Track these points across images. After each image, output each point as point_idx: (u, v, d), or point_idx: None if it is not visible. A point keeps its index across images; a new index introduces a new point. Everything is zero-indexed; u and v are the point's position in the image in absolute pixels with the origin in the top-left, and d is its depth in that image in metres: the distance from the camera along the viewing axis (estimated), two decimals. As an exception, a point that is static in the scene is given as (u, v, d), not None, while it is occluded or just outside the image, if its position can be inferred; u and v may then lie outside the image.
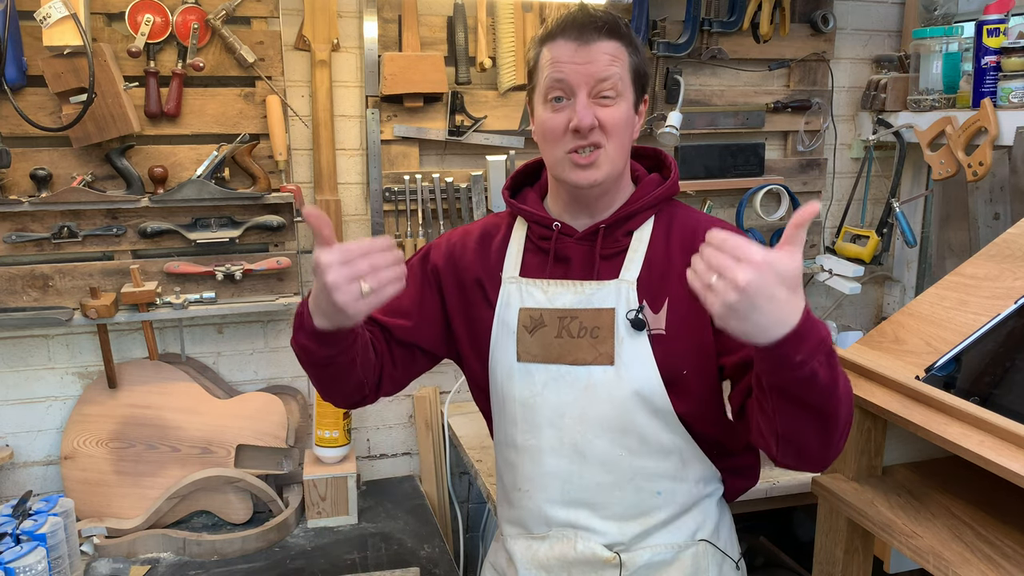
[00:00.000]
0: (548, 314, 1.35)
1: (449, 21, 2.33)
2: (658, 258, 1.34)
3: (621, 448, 1.33)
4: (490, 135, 2.40)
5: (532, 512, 1.41)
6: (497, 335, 1.39)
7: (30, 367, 2.22)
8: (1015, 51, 2.23)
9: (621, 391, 1.31)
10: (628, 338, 1.31)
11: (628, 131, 1.32)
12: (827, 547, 1.67)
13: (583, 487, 1.36)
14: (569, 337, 1.34)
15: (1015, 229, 1.67)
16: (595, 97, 1.28)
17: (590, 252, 1.36)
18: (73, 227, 2.10)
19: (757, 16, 2.52)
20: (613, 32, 1.28)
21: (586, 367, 1.33)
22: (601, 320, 1.33)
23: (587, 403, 1.33)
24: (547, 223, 1.39)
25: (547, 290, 1.37)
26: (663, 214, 1.39)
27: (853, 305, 2.94)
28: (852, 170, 2.82)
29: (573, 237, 1.38)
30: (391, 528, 2.18)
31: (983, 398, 1.36)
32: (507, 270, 1.41)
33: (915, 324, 1.61)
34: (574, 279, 1.36)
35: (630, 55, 1.31)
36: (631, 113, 1.32)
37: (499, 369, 1.40)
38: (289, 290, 2.26)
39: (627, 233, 1.37)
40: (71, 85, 2.00)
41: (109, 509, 2.14)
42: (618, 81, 1.28)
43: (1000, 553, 1.34)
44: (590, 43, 1.27)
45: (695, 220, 1.39)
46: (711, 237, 1.02)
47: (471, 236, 1.47)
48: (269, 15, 2.19)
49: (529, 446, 1.38)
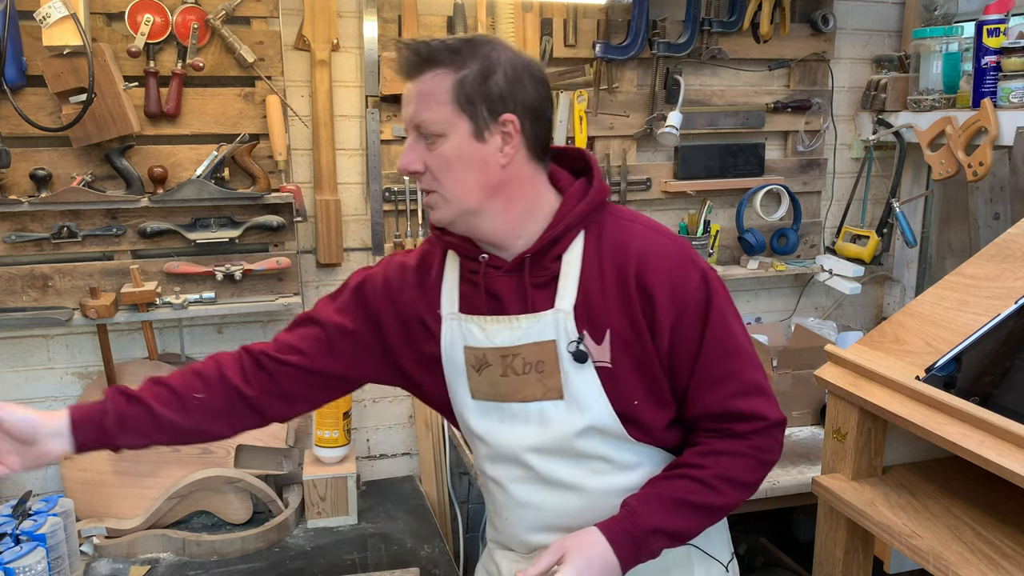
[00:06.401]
0: (491, 353, 1.30)
1: (449, 21, 2.33)
2: (592, 283, 1.27)
3: (586, 471, 1.32)
4: (490, 135, 2.40)
5: (513, 537, 1.43)
6: (448, 373, 1.37)
7: (30, 367, 2.22)
8: (1015, 51, 2.23)
9: (574, 425, 1.29)
10: (573, 371, 1.27)
11: (468, 166, 1.21)
12: (827, 547, 1.67)
13: (557, 514, 1.35)
14: (515, 375, 1.30)
15: (1015, 229, 1.67)
16: (424, 137, 1.22)
17: (521, 283, 1.29)
18: (73, 227, 2.10)
19: (757, 16, 2.52)
20: (429, 61, 1.19)
21: (537, 403, 1.30)
22: (544, 353, 1.28)
23: (544, 437, 1.31)
24: (474, 255, 1.31)
25: (485, 327, 1.30)
26: (592, 227, 1.29)
27: (853, 305, 2.94)
28: (852, 170, 2.82)
29: (502, 269, 1.30)
30: (391, 528, 2.18)
31: (983, 398, 1.36)
32: (445, 306, 1.35)
33: (915, 324, 1.61)
34: (510, 313, 1.29)
35: (456, 80, 1.18)
36: (469, 145, 1.20)
37: (457, 404, 1.39)
38: (289, 290, 2.26)
39: (556, 258, 1.28)
40: (71, 85, 2.00)
41: (109, 509, 2.14)
42: (434, 120, 1.19)
43: (1000, 553, 1.34)
44: (413, 79, 1.21)
45: (626, 235, 1.29)
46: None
47: (408, 269, 1.40)
48: (269, 15, 2.19)
49: (498, 477, 1.39)
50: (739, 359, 1.28)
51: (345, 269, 2.38)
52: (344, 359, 1.41)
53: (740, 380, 1.28)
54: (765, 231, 2.70)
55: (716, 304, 1.26)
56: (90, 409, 1.34)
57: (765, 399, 1.29)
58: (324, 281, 2.40)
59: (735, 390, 1.27)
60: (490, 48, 1.21)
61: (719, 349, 1.26)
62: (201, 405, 1.37)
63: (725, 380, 1.27)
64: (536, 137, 1.25)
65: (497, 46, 1.22)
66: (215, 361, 1.41)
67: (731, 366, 1.27)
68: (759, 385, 1.29)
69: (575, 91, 2.44)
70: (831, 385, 1.61)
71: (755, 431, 1.28)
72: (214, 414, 1.38)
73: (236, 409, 1.39)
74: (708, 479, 1.25)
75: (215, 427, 1.41)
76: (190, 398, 1.37)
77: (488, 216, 1.26)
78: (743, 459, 1.27)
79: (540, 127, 1.25)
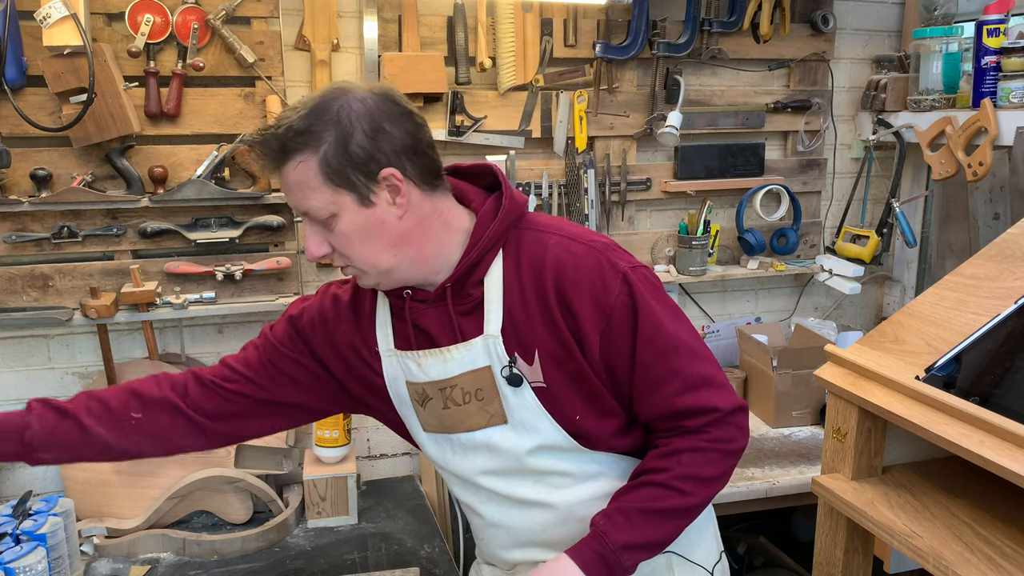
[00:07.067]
0: (430, 387, 1.30)
1: (449, 21, 2.33)
2: (515, 303, 1.24)
3: (548, 487, 1.32)
4: (490, 135, 2.40)
5: (492, 555, 1.43)
6: (398, 406, 1.37)
7: (30, 367, 2.22)
8: (1015, 51, 2.23)
9: (524, 446, 1.29)
10: (512, 395, 1.26)
11: (369, 234, 1.19)
12: (827, 547, 1.67)
13: (529, 530, 1.35)
14: (456, 406, 1.29)
15: (1015, 229, 1.67)
16: (318, 221, 1.19)
17: (446, 313, 1.27)
18: (73, 227, 2.10)
19: (757, 16, 2.52)
20: (285, 152, 1.14)
21: (483, 431, 1.29)
22: (481, 380, 1.26)
23: (496, 462, 1.31)
24: (397, 292, 1.29)
25: (419, 362, 1.29)
26: (510, 245, 1.26)
27: (853, 305, 2.94)
28: (852, 170, 2.82)
29: (426, 302, 1.28)
30: (391, 528, 2.18)
31: (983, 398, 1.36)
32: (381, 343, 1.33)
33: (915, 324, 1.61)
34: (440, 345, 1.28)
35: (320, 161, 1.13)
36: (361, 214, 1.17)
37: (413, 435, 1.40)
38: (289, 290, 2.26)
39: (477, 283, 1.26)
40: (71, 85, 2.00)
41: (109, 509, 2.14)
42: (318, 207, 1.16)
43: (1000, 553, 1.34)
44: (280, 170, 1.17)
45: (543, 247, 1.25)
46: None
47: (342, 303, 1.38)
48: (269, 15, 2.19)
49: (466, 500, 1.40)
50: (678, 355, 1.24)
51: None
52: (285, 385, 1.40)
53: (682, 376, 1.24)
54: (765, 231, 2.70)
55: (643, 304, 1.22)
56: (10, 421, 1.30)
57: (714, 390, 1.26)
58: (324, 281, 2.39)
59: (678, 388, 1.24)
60: (337, 107, 1.14)
61: (654, 349, 1.23)
62: (137, 426, 1.35)
63: (666, 379, 1.24)
64: (422, 171, 1.20)
65: (344, 100, 1.15)
66: (155, 381, 1.40)
67: (670, 364, 1.23)
68: (704, 377, 1.25)
69: (575, 91, 2.44)
70: (831, 385, 1.61)
71: (709, 424, 1.24)
72: (148, 434, 1.37)
73: (175, 430, 1.38)
74: (670, 482, 1.23)
75: (148, 448, 1.39)
76: (126, 417, 1.35)
77: (405, 267, 1.23)
78: (703, 454, 1.24)
79: (421, 160, 1.20)
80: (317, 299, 1.42)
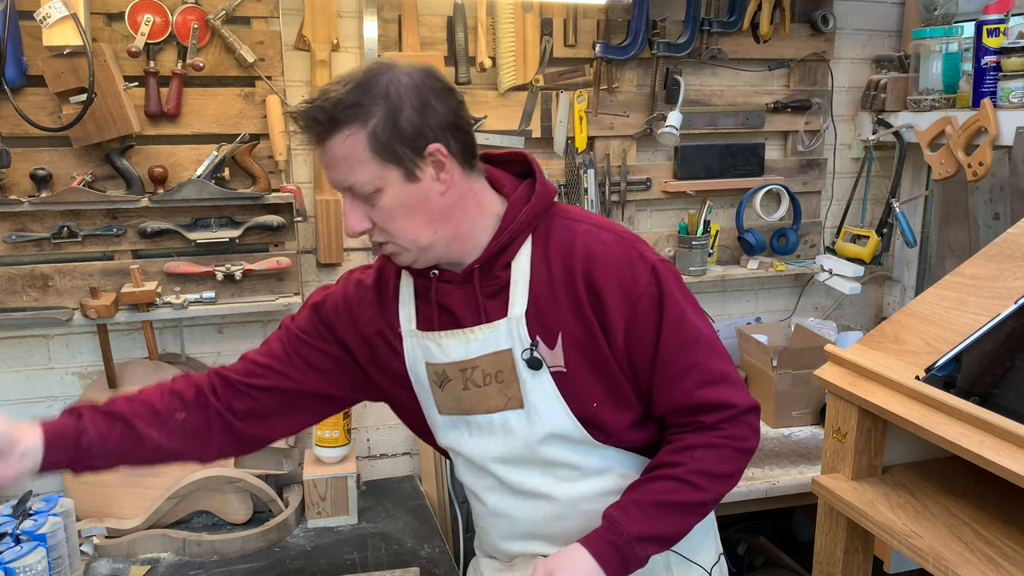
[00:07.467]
0: (450, 368, 1.30)
1: (449, 21, 2.33)
2: (542, 287, 1.25)
3: (553, 479, 1.32)
4: (490, 135, 2.40)
5: (492, 546, 1.44)
6: (417, 390, 1.37)
7: (30, 367, 2.22)
8: (1015, 51, 2.23)
9: (536, 433, 1.29)
10: (530, 379, 1.26)
11: (413, 209, 1.19)
12: (827, 547, 1.67)
13: (530, 521, 1.36)
14: (476, 387, 1.30)
15: (1015, 229, 1.67)
16: (361, 196, 1.19)
17: (472, 294, 1.28)
18: (73, 227, 2.10)
19: (757, 16, 2.52)
20: (333, 125, 1.14)
21: (500, 413, 1.30)
22: (502, 363, 1.27)
23: (509, 446, 1.32)
24: (424, 272, 1.30)
25: (441, 343, 1.30)
26: (539, 231, 1.28)
27: (853, 305, 2.94)
28: (852, 170, 2.82)
29: (453, 282, 1.29)
30: (391, 528, 2.18)
31: (983, 398, 1.36)
32: (403, 323, 1.34)
33: (915, 324, 1.61)
34: (464, 326, 1.29)
35: (369, 135, 1.13)
36: (406, 189, 1.17)
37: (429, 419, 1.40)
38: (289, 290, 2.26)
39: (505, 266, 1.27)
40: (71, 85, 2.00)
41: (109, 509, 2.14)
42: (364, 181, 1.16)
43: (1000, 553, 1.34)
44: (323, 144, 1.16)
45: (572, 235, 1.27)
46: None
47: (366, 287, 1.39)
48: (269, 15, 2.19)
49: (472, 487, 1.40)
50: (700, 349, 1.25)
51: (345, 269, 2.37)
52: (311, 375, 1.40)
53: (703, 370, 1.25)
54: (765, 231, 2.70)
55: (669, 296, 1.24)
56: (64, 427, 1.27)
57: (732, 387, 1.27)
58: (324, 281, 2.40)
59: (699, 381, 1.25)
60: (386, 82, 1.14)
61: (677, 341, 1.24)
62: (182, 426, 1.34)
63: (688, 372, 1.25)
64: (463, 149, 1.21)
65: (392, 75, 1.15)
66: (186, 381, 1.39)
67: (692, 357, 1.25)
68: (724, 373, 1.27)
69: (575, 91, 2.44)
70: (831, 385, 1.61)
71: (725, 420, 1.26)
72: (192, 435, 1.36)
73: (212, 431, 1.37)
74: (685, 476, 1.23)
75: (191, 450, 1.38)
76: (172, 418, 1.34)
77: (443, 244, 1.24)
78: (718, 450, 1.25)
79: (463, 137, 1.21)
80: (340, 285, 1.43)
